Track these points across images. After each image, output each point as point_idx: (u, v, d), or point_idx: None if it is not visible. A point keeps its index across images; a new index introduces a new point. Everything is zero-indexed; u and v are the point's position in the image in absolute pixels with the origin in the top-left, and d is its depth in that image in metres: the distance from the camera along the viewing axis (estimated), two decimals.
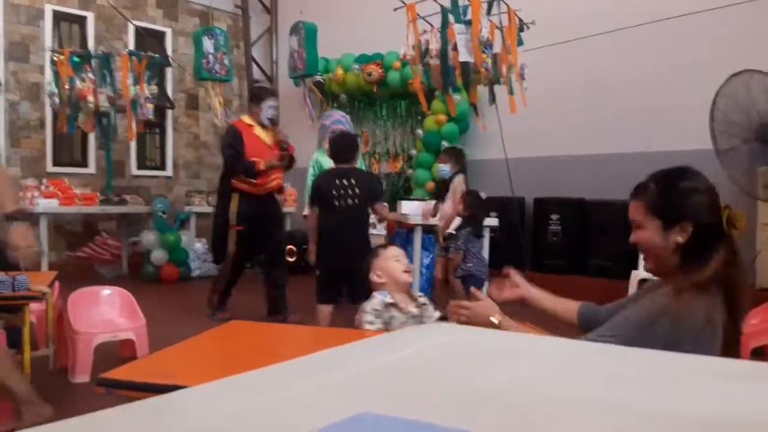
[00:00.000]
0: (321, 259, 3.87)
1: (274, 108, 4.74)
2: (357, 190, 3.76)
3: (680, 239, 1.58)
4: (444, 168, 4.87)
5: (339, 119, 5.33)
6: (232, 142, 4.58)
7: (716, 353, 1.56)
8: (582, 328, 1.79)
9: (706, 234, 1.57)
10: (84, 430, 0.57)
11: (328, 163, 4.82)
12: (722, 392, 0.70)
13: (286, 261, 5.35)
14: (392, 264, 2.32)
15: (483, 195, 4.80)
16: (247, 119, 4.74)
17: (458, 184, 4.90)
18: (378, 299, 2.31)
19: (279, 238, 4.99)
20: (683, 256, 1.60)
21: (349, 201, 3.75)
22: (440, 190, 5.15)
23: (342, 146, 3.96)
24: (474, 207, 4.42)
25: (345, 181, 3.76)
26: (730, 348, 1.58)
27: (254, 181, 4.58)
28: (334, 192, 3.74)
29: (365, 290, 3.90)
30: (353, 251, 3.71)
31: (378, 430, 0.51)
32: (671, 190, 1.63)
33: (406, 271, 2.35)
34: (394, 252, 2.39)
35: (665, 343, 1.49)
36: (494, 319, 1.79)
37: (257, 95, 4.80)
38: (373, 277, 2.34)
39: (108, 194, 7.23)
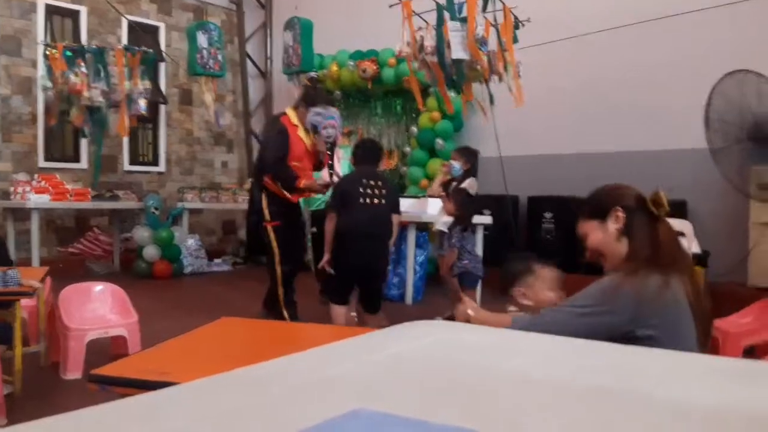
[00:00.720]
0: (338, 259, 3.78)
1: (321, 115, 4.43)
2: (384, 191, 3.78)
3: (617, 225, 1.73)
4: (455, 165, 4.87)
5: (332, 115, 5.31)
6: (280, 144, 4.30)
7: (690, 329, 1.60)
8: None
9: (637, 216, 1.71)
10: (75, 426, 0.56)
11: None
12: (714, 388, 0.70)
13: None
14: (546, 295, 2.03)
15: (472, 191, 4.79)
16: (293, 117, 4.42)
17: (467, 186, 4.90)
18: None
19: (301, 239, 4.89)
20: (628, 241, 1.72)
21: (375, 200, 3.74)
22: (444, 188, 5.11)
23: (369, 150, 4.02)
24: (463, 205, 4.44)
25: (372, 182, 3.77)
26: (703, 327, 1.64)
27: (288, 195, 4.48)
28: (361, 189, 3.73)
29: (379, 300, 3.91)
30: (374, 254, 3.76)
31: (371, 426, 0.51)
32: (595, 194, 1.84)
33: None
34: (552, 276, 2.09)
35: (631, 318, 1.56)
36: (470, 312, 1.91)
37: (312, 99, 4.44)
38: (517, 294, 2.07)
39: (95, 187, 7.19)
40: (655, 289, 1.57)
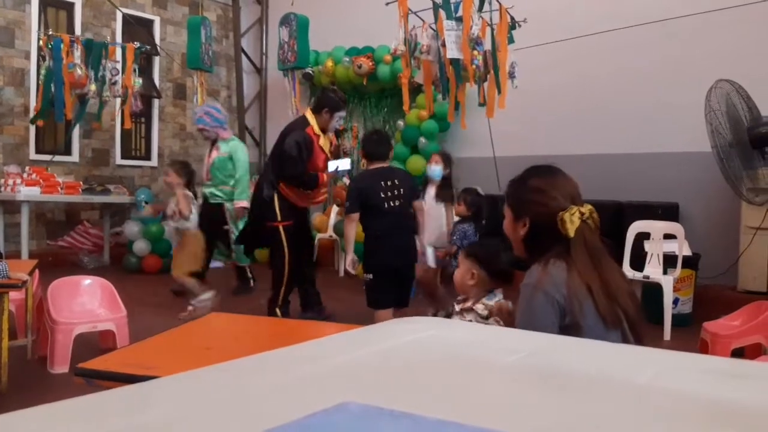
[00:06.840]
0: (374, 264, 3.73)
1: (343, 118, 4.59)
2: (402, 190, 3.73)
3: (521, 233, 1.66)
4: (436, 168, 4.82)
5: None
6: (304, 157, 4.33)
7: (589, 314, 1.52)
8: None
9: (540, 234, 1.62)
10: (54, 417, 0.56)
11: None
12: (704, 385, 0.70)
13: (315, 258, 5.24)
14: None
15: (480, 189, 4.79)
16: (315, 126, 4.43)
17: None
18: None
19: (311, 235, 4.90)
20: (527, 249, 1.66)
21: (397, 202, 3.71)
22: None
23: (378, 143, 3.90)
24: (476, 204, 4.42)
25: (389, 182, 3.72)
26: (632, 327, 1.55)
27: (309, 192, 4.47)
28: (382, 195, 3.68)
29: (409, 292, 3.89)
30: (405, 252, 3.77)
31: (360, 419, 0.50)
32: (521, 183, 1.70)
33: None
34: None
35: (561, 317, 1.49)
36: None
37: (335, 105, 4.44)
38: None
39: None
40: (562, 281, 1.52)
